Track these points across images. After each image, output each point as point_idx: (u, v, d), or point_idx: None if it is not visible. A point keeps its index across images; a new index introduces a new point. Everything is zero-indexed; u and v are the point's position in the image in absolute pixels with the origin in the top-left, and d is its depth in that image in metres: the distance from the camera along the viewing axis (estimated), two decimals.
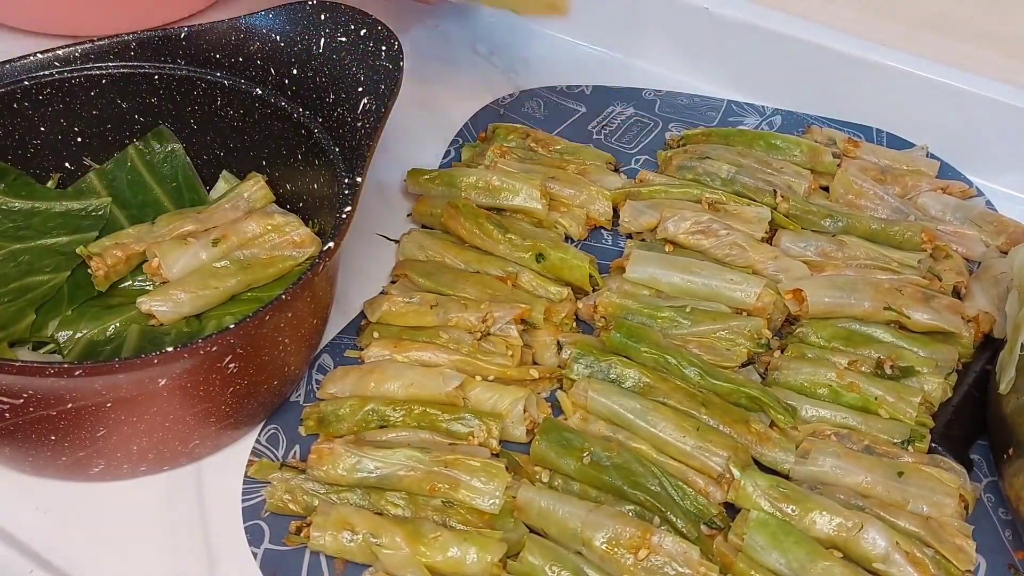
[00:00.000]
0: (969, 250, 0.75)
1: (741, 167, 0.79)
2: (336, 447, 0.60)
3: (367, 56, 0.68)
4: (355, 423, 0.63)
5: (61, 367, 0.50)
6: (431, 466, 0.59)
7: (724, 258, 0.73)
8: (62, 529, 0.60)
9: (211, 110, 0.73)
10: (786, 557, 0.55)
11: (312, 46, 0.70)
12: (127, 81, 0.71)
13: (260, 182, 0.73)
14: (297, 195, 0.73)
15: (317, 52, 0.70)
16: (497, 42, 0.98)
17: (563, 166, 0.81)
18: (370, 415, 0.63)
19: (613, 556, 0.55)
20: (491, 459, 0.59)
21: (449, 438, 0.62)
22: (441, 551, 0.55)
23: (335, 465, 0.60)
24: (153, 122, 0.74)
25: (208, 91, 0.72)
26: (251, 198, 0.72)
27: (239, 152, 0.75)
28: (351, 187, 0.62)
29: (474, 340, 0.67)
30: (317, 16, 0.70)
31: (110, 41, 0.71)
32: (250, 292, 0.69)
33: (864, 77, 0.84)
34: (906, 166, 0.82)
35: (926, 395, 0.64)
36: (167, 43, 0.71)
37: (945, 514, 0.58)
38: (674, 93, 0.92)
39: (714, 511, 0.58)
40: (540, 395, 0.66)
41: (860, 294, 0.69)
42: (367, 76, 0.68)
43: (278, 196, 0.74)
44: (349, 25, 0.70)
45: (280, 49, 0.71)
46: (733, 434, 0.62)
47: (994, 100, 0.79)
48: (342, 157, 0.66)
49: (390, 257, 0.76)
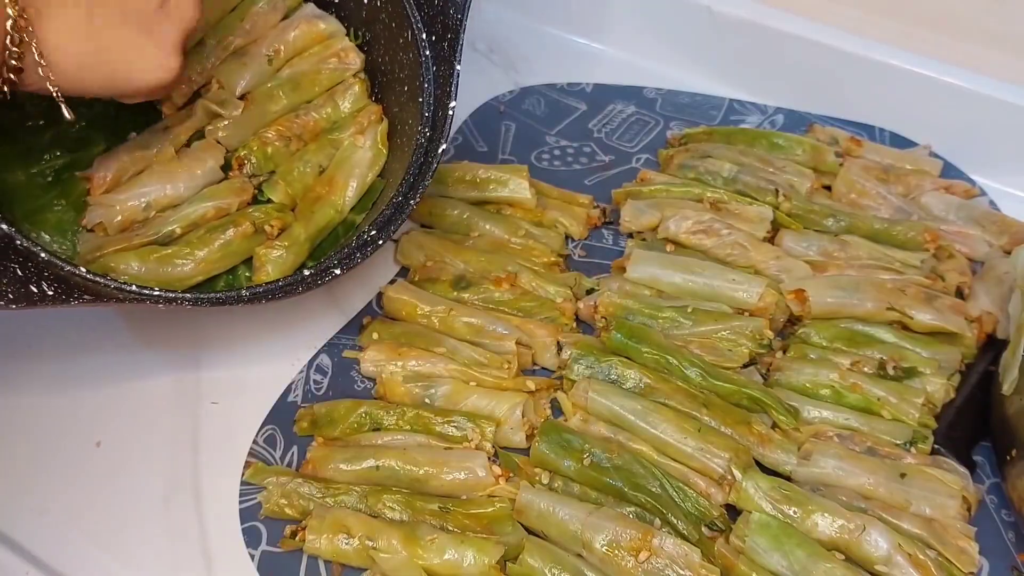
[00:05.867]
0: (972, 250, 0.75)
1: (743, 166, 0.78)
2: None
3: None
4: (348, 426, 0.63)
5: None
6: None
7: (726, 258, 0.73)
8: (59, 530, 0.59)
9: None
10: (788, 559, 0.55)
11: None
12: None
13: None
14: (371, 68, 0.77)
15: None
16: (497, 39, 0.97)
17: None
18: (363, 418, 0.63)
19: (614, 558, 0.55)
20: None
21: (443, 441, 0.62)
22: (438, 554, 0.55)
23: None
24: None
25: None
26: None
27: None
28: (448, 76, 0.67)
29: (470, 353, 0.67)
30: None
31: None
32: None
33: (867, 76, 0.84)
34: (909, 165, 0.81)
35: (929, 396, 0.64)
36: None
37: (948, 516, 0.58)
38: (675, 91, 0.92)
39: (715, 513, 0.58)
40: (541, 402, 0.66)
41: (863, 294, 0.68)
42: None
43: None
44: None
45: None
46: (735, 435, 0.61)
47: (997, 100, 0.79)
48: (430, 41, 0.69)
49: (389, 257, 0.76)
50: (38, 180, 0.69)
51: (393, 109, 0.75)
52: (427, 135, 0.68)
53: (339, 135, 0.75)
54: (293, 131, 0.74)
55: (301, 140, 0.75)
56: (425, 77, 0.70)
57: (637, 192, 0.78)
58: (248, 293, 0.61)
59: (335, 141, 0.75)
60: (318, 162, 0.74)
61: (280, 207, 0.71)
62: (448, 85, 0.68)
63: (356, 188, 0.73)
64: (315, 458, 0.62)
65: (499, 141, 0.86)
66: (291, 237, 0.69)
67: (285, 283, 0.62)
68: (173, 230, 0.68)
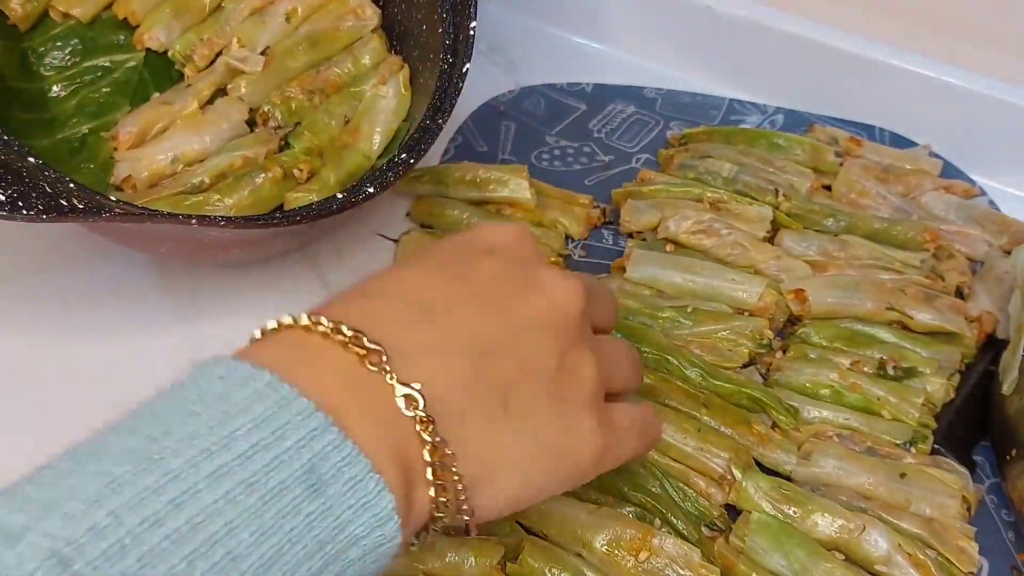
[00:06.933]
0: (972, 250, 0.74)
1: (743, 166, 0.78)
2: None
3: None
4: None
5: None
6: None
7: (726, 258, 0.73)
8: None
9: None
10: (787, 559, 0.55)
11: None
12: None
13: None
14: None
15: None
16: (497, 38, 0.97)
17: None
18: None
19: (613, 558, 0.55)
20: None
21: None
22: (439, 557, 0.55)
23: None
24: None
25: None
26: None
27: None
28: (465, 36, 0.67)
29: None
30: None
31: None
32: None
33: (867, 76, 0.84)
34: (909, 165, 0.81)
35: (929, 396, 0.64)
36: None
37: (948, 516, 0.58)
38: (675, 91, 0.92)
39: (715, 513, 0.58)
40: None
41: (862, 294, 0.69)
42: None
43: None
44: None
45: None
46: (734, 435, 0.61)
47: (998, 100, 0.79)
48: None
49: (389, 257, 0.76)
50: (64, 146, 0.71)
51: (413, 54, 0.77)
52: (449, 61, 0.69)
53: (361, 87, 0.77)
54: (316, 86, 0.76)
55: (324, 94, 0.76)
56: (443, 8, 0.71)
57: (637, 192, 0.78)
58: (282, 215, 0.62)
59: (358, 93, 0.76)
60: (342, 113, 0.75)
61: (307, 151, 0.72)
62: (467, 7, 0.70)
63: (382, 135, 0.75)
64: None
65: (499, 141, 0.86)
66: (321, 181, 0.70)
67: (319, 205, 0.62)
68: (202, 180, 0.69)
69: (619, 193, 0.78)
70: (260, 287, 0.73)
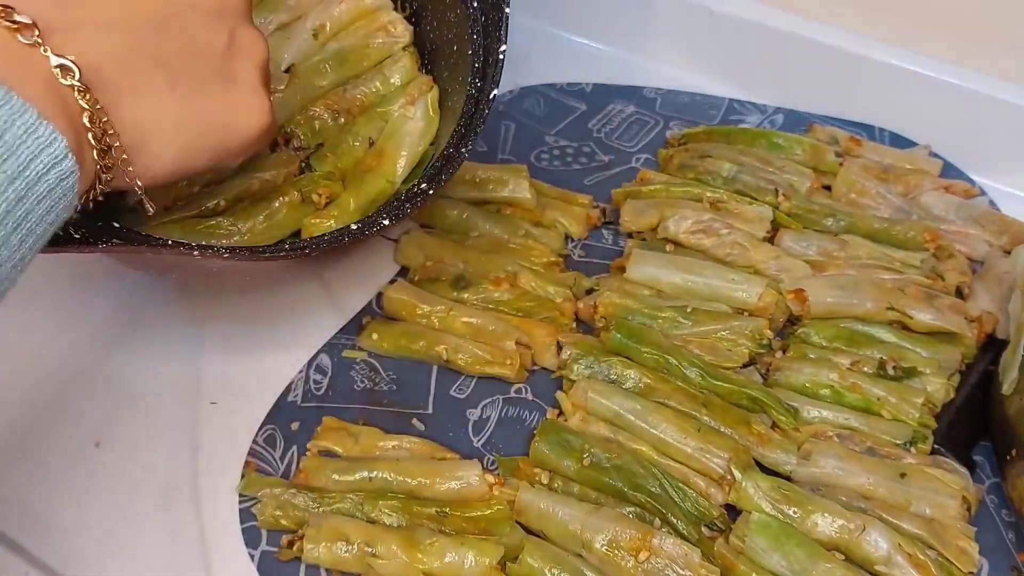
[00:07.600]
0: (972, 250, 0.74)
1: (742, 166, 0.78)
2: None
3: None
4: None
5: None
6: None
7: (725, 257, 0.73)
8: (58, 530, 0.59)
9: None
10: (787, 559, 0.54)
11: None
12: None
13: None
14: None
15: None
16: None
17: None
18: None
19: (613, 558, 0.55)
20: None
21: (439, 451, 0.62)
22: (438, 557, 0.55)
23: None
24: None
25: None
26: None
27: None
28: (497, 22, 0.65)
29: (474, 350, 0.67)
30: None
31: None
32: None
33: (867, 75, 0.84)
34: (909, 165, 0.81)
35: (929, 396, 0.64)
36: None
37: (948, 516, 0.58)
38: (675, 91, 0.91)
39: (715, 513, 0.58)
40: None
41: (862, 294, 0.68)
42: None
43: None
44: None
45: None
46: (734, 435, 0.61)
47: (998, 99, 0.79)
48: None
49: (389, 257, 0.76)
50: None
51: (443, 75, 0.74)
52: (477, 85, 0.66)
53: (388, 108, 0.73)
54: (341, 105, 0.73)
55: (350, 114, 0.73)
56: (474, 28, 0.68)
57: (637, 192, 0.78)
58: (290, 246, 0.60)
59: (385, 114, 0.73)
60: (367, 135, 0.73)
61: (327, 175, 0.70)
62: (498, 30, 0.67)
63: (408, 159, 0.71)
64: (308, 468, 0.61)
65: (499, 141, 0.86)
66: (340, 207, 0.68)
67: (331, 237, 0.60)
68: (218, 203, 0.67)
69: (619, 193, 0.78)
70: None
